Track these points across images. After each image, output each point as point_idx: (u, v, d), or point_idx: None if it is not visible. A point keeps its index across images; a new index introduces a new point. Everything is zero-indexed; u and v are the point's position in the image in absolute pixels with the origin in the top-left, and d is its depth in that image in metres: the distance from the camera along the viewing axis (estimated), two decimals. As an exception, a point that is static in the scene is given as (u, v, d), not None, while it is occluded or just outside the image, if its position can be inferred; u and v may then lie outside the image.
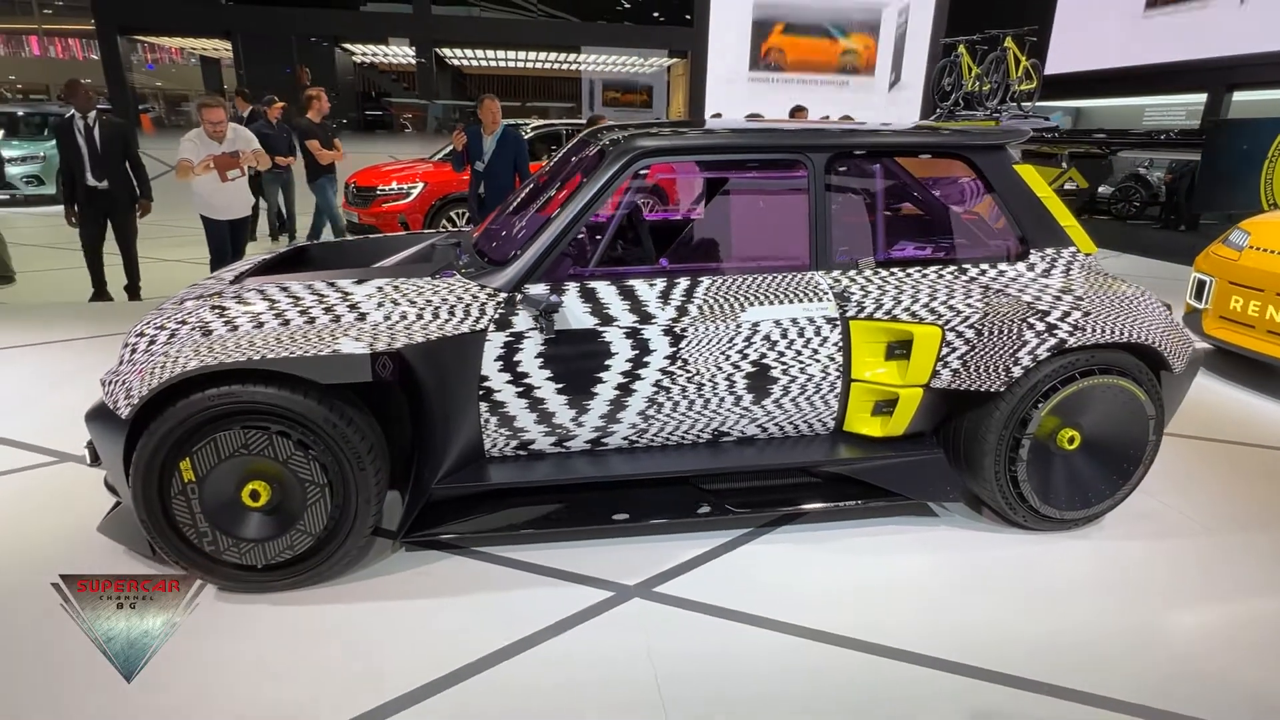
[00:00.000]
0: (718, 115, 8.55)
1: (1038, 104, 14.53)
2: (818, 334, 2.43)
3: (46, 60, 36.49)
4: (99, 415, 2.12)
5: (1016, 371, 2.37)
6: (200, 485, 2.05)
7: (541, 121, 10.03)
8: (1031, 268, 2.59)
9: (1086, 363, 2.42)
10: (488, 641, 2.00)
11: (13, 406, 3.56)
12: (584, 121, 11.10)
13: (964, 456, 2.55)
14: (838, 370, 2.47)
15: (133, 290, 5.94)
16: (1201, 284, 4.38)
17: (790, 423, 2.54)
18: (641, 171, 2.42)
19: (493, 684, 1.86)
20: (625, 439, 2.45)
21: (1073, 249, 2.65)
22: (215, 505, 2.08)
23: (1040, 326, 2.39)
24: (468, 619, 2.10)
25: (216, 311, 2.18)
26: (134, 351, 2.18)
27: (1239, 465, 3.22)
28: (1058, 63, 16.54)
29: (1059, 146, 4.27)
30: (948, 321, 2.43)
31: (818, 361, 2.45)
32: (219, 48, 18.77)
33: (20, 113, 12.79)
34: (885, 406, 2.51)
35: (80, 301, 5.73)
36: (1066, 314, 2.42)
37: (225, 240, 5.38)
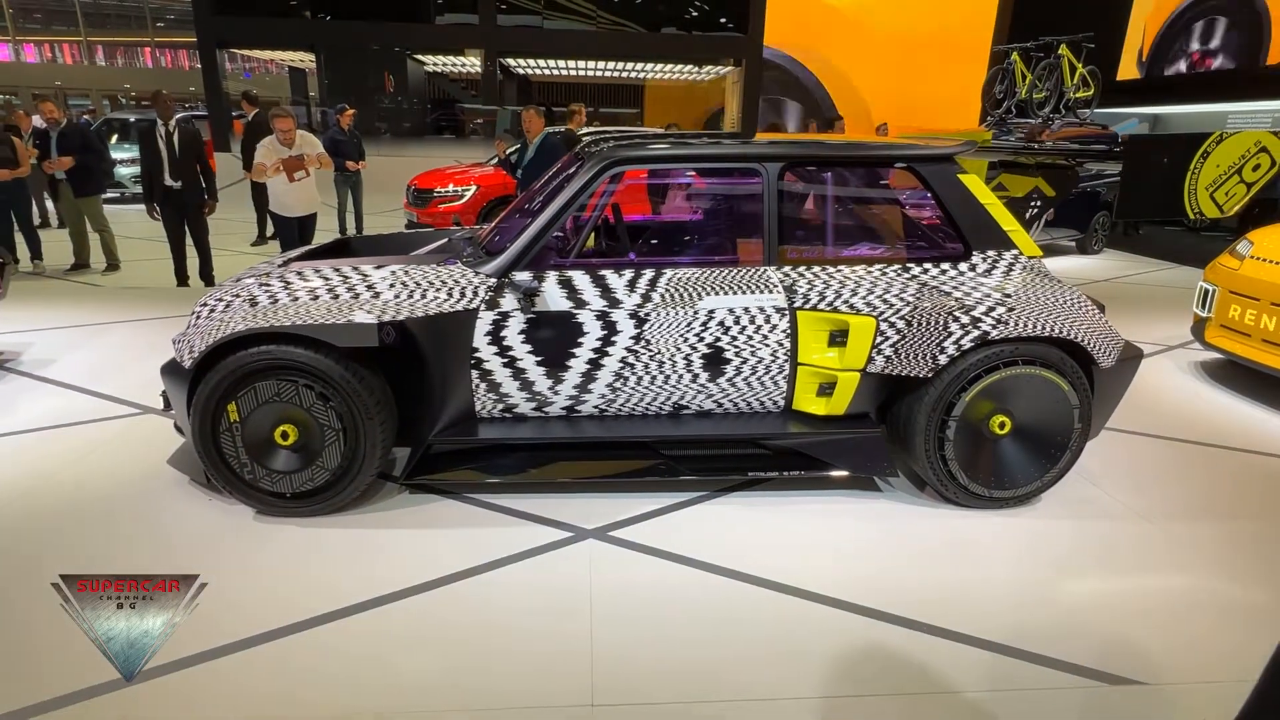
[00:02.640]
0: (777, 123, 8.82)
1: (1109, 110, 14.09)
2: (768, 322, 2.77)
3: (157, 70, 39.76)
4: (170, 368, 2.68)
5: (942, 359, 2.65)
6: (242, 425, 2.58)
7: (590, 130, 10.52)
8: (973, 268, 2.85)
9: (1010, 354, 2.67)
10: (458, 562, 2.45)
11: (109, 369, 4.26)
12: (632, 129, 11.51)
13: (901, 436, 2.83)
14: (785, 354, 2.80)
15: (207, 277, 6.76)
16: (1206, 293, 4.45)
17: (743, 400, 2.88)
18: (616, 177, 2.82)
19: (454, 595, 2.30)
20: (596, 407, 2.85)
21: (1015, 251, 2.89)
22: (253, 442, 2.60)
23: (965, 320, 2.66)
24: (446, 545, 2.55)
25: (263, 288, 2.71)
26: (198, 318, 2.73)
27: (1206, 466, 3.35)
28: (1134, 68, 15.98)
29: (1031, 157, 4.43)
30: (882, 313, 2.73)
31: (767, 346, 2.78)
32: (304, 59, 20.24)
33: (131, 119, 14.24)
34: (827, 388, 2.82)
35: (169, 286, 6.57)
36: (991, 309, 2.68)
37: (294, 234, 6.08)
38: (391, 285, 2.69)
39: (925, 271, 2.84)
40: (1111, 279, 7.71)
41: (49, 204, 9.64)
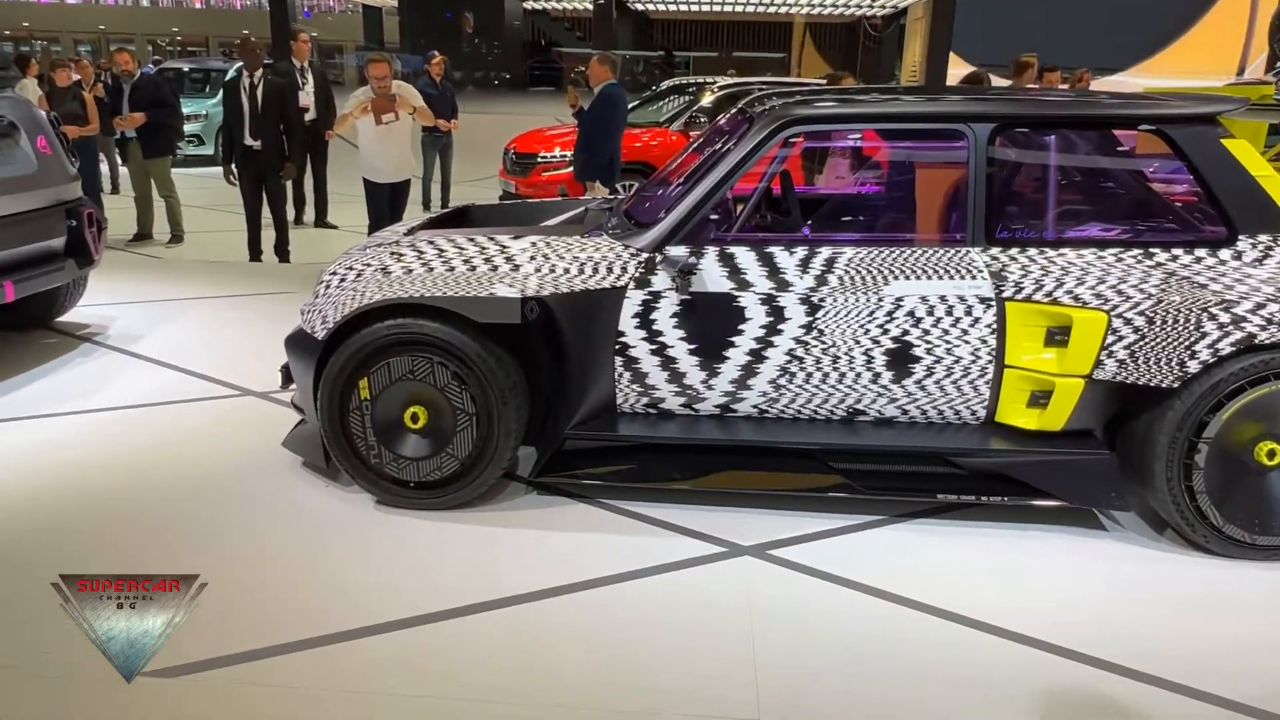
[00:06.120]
0: (978, 72, 8.90)
1: None
2: (969, 314, 3.03)
3: (207, 11, 44.06)
4: (297, 340, 3.29)
5: (1192, 367, 2.83)
6: (373, 403, 3.13)
7: (730, 80, 10.98)
8: (1238, 255, 3.00)
9: (1285, 363, 2.81)
10: (594, 569, 2.87)
11: (199, 347, 5.07)
12: (787, 80, 11.88)
13: (1134, 461, 3.01)
14: (989, 354, 3.05)
15: (282, 252, 7.67)
16: None
17: (934, 407, 3.15)
18: (791, 140, 3.20)
19: (595, 601, 2.73)
20: (755, 407, 3.21)
21: (1297, 236, 3.02)
22: (382, 423, 3.15)
23: (1224, 318, 2.83)
24: (581, 551, 2.99)
25: (394, 257, 3.26)
26: (328, 287, 3.32)
27: None
28: None
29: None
30: (1115, 307, 2.94)
31: (967, 343, 3.05)
32: (382, -4, 22.03)
33: (186, 69, 16.00)
34: (1041, 397, 3.04)
35: (239, 260, 7.53)
36: (1261, 306, 2.83)
37: (384, 204, 6.86)
38: (532, 257, 3.17)
39: (1174, 258, 3.01)
40: None
41: (105, 167, 11.01)
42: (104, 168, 10.83)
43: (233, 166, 7.39)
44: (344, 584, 2.80)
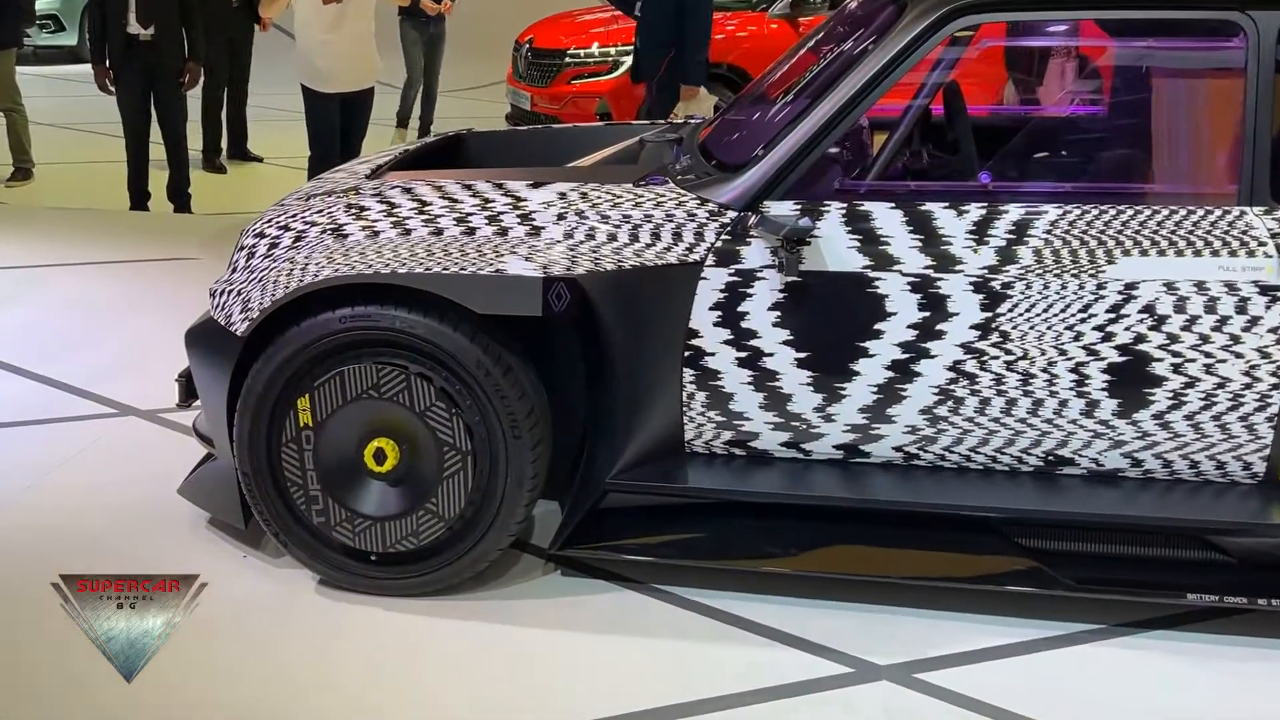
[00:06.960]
0: None
1: None
2: (1242, 311, 3.00)
3: None
4: (204, 334, 3.38)
5: None
6: (318, 433, 3.20)
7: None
8: None
9: None
10: (654, 693, 2.88)
11: (58, 343, 5.22)
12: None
13: None
14: (1273, 375, 3.02)
15: (179, 196, 7.82)
16: None
17: (1184, 455, 3.13)
18: (961, 36, 3.20)
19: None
20: (898, 449, 3.22)
21: None
22: (332, 462, 3.22)
23: None
24: (632, 663, 3.01)
25: (352, 212, 3.33)
26: (250, 256, 3.41)
27: None
28: None
29: None
30: None
31: (1239, 356, 3.02)
32: None
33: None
34: (1357, 444, 3.01)
35: (118, 208, 7.71)
36: None
37: (334, 127, 6.95)
38: (560, 216, 3.22)
39: None
40: None
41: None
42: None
43: (108, 66, 7.57)
44: (270, 710, 2.84)
